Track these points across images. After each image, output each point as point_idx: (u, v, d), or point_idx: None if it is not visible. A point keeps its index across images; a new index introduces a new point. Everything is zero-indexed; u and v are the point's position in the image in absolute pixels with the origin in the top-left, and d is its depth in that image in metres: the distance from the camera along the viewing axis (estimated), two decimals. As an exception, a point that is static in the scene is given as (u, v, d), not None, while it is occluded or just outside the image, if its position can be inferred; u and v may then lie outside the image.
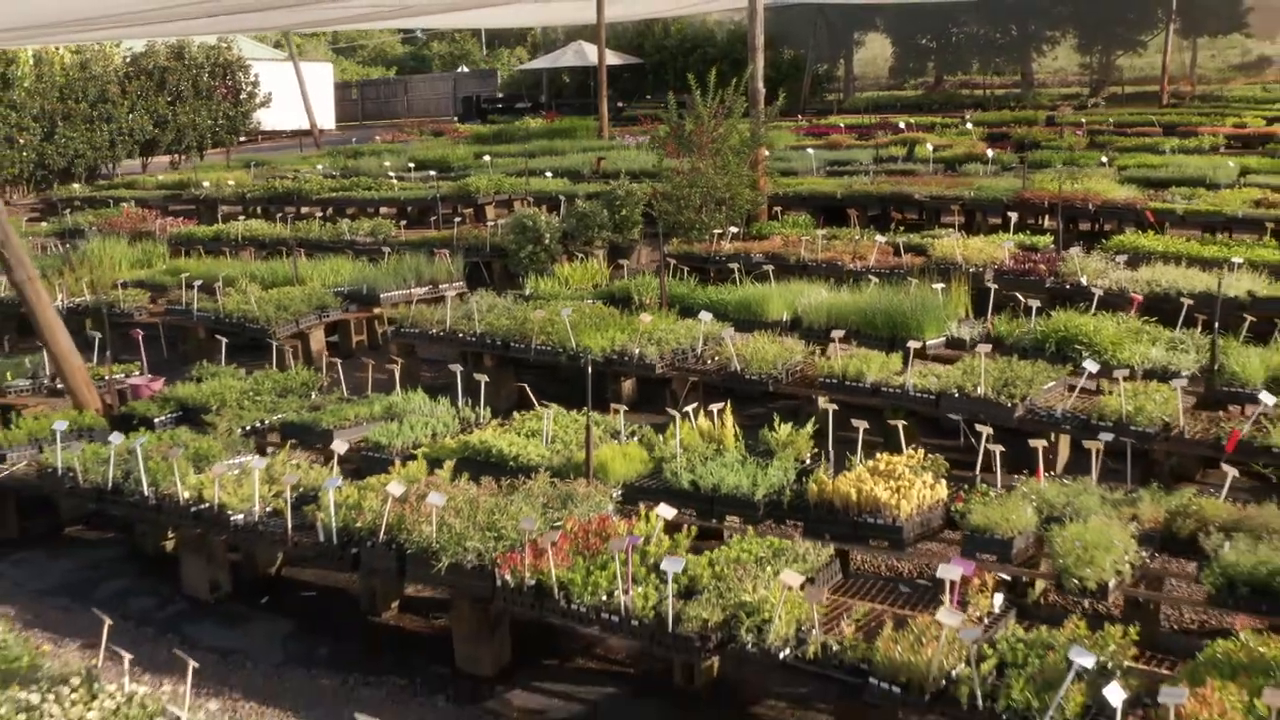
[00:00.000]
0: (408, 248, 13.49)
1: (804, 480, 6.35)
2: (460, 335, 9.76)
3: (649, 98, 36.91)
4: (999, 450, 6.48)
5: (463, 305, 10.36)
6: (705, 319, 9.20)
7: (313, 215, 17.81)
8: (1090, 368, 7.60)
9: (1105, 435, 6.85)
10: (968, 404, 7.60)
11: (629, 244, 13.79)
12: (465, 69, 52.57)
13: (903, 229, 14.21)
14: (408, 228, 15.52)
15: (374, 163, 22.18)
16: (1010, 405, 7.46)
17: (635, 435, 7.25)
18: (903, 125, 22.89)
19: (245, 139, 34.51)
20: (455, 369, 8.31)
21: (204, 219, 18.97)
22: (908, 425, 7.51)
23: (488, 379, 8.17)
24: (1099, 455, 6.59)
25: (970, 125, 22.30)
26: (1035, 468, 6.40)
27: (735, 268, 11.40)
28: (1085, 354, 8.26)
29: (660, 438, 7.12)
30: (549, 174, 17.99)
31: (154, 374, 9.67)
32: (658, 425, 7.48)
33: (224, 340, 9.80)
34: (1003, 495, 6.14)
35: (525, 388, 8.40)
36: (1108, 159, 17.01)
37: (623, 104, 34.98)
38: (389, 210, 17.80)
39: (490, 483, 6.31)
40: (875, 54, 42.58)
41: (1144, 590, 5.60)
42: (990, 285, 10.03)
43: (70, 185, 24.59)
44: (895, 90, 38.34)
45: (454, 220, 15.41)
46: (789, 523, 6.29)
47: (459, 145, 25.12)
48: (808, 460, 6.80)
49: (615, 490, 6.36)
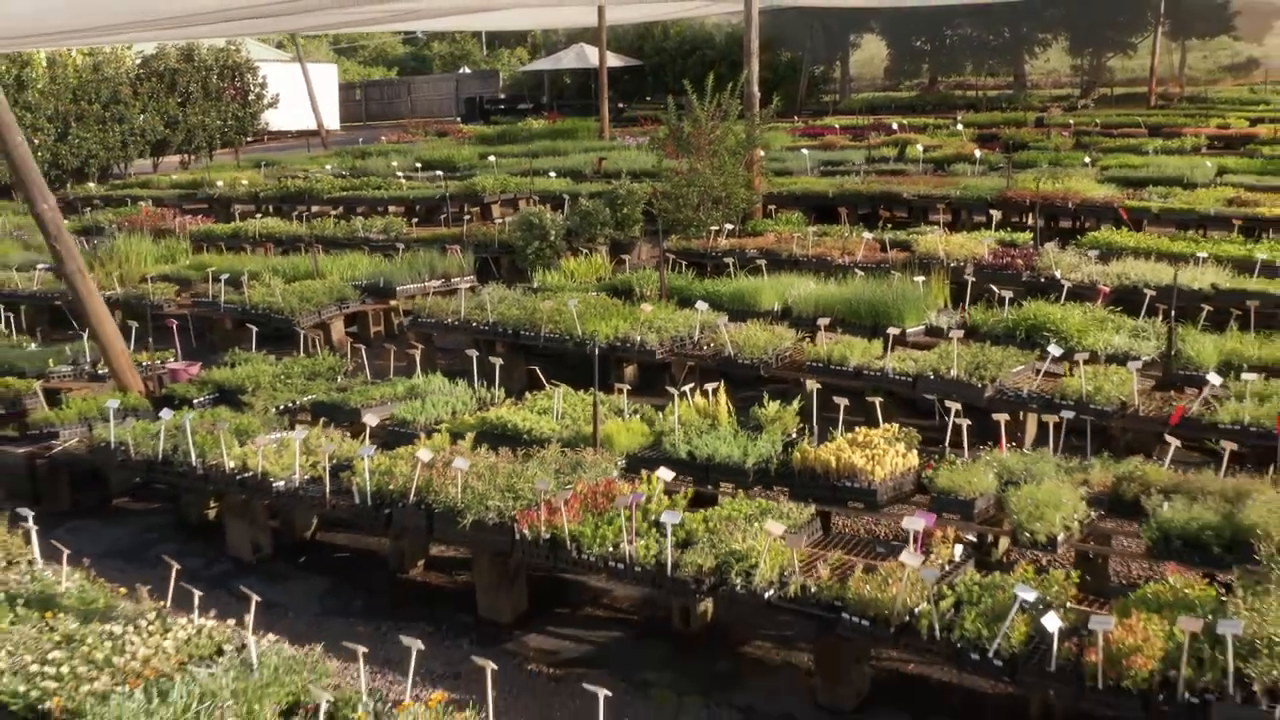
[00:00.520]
0: (419, 244, 14.19)
1: (790, 451, 7.04)
2: (474, 324, 10.45)
3: (649, 99, 37.57)
4: (966, 424, 7.17)
5: (475, 297, 11.04)
6: (702, 309, 9.90)
7: (325, 214, 18.47)
8: (1054, 352, 8.30)
9: (1067, 413, 7.58)
10: (942, 385, 8.29)
11: (630, 240, 14.46)
12: (467, 70, 53.24)
13: (890, 226, 14.90)
14: (417, 225, 16.21)
15: (382, 163, 22.83)
16: (981, 386, 8.15)
17: (637, 413, 7.94)
18: (895, 126, 23.55)
19: (252, 139, 35.21)
20: (472, 353, 9.00)
21: (218, 217, 19.66)
22: (887, 404, 8.18)
23: (501, 363, 8.86)
24: (1061, 430, 7.30)
25: (960, 127, 22.96)
26: (1000, 441, 7.09)
27: (730, 262, 12.09)
28: (1053, 340, 8.95)
29: (660, 415, 7.81)
30: (552, 174, 18.67)
31: (187, 361, 10.36)
32: (658, 405, 8.16)
33: (254, 329, 10.49)
34: (968, 463, 6.82)
35: (536, 370, 9.10)
36: (1091, 159, 17.68)
37: (623, 105, 35.65)
38: (397, 209, 18.50)
39: (507, 452, 7.01)
40: (871, 55, 43.25)
41: (1091, 544, 6.28)
42: (968, 279, 10.72)
43: (86, 185, 25.26)
44: (890, 91, 39.04)
45: (463, 218, 16.10)
46: (776, 488, 6.96)
47: (464, 146, 25.79)
48: (794, 434, 7.48)
49: (620, 459, 7.05)
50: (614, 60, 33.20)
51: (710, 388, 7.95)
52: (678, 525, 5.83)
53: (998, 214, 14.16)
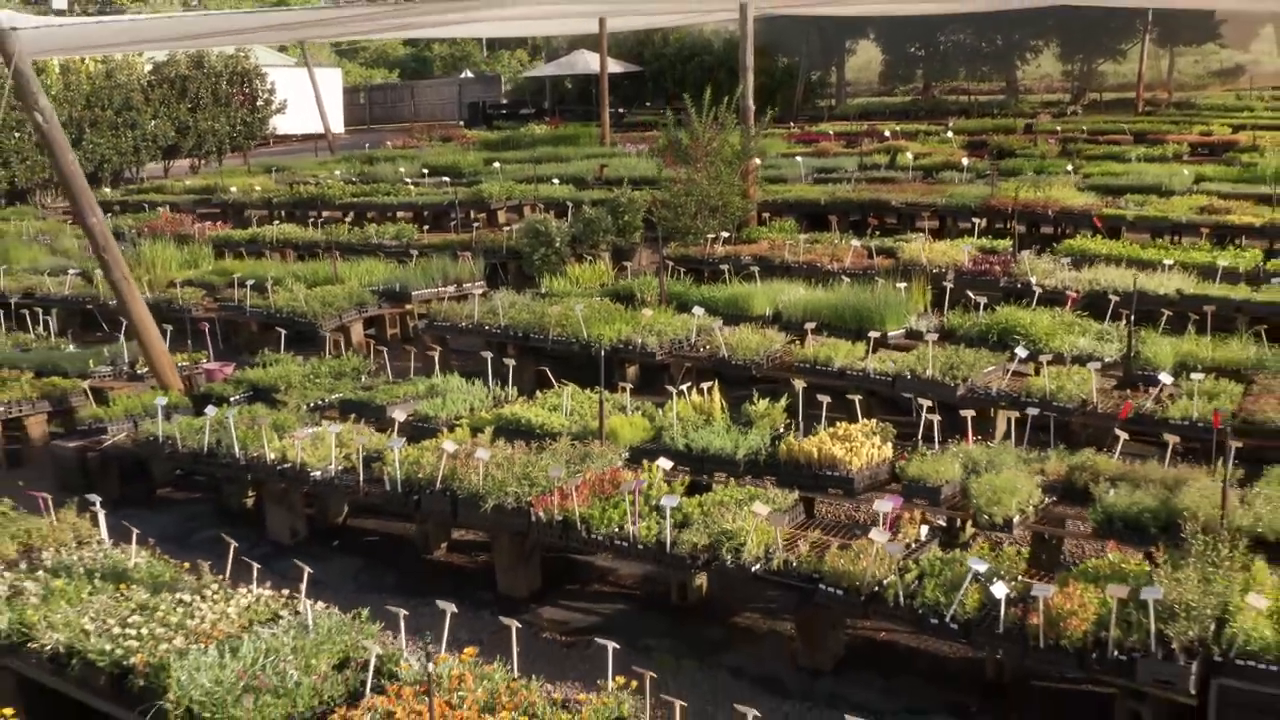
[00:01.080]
0: (431, 250, 14.94)
1: (777, 444, 7.78)
2: (487, 328, 11.22)
3: (648, 104, 38.39)
4: (937, 419, 7.92)
5: (487, 302, 11.80)
6: (699, 313, 10.66)
7: (337, 219, 19.22)
8: (1020, 353, 9.05)
9: (1032, 410, 8.34)
10: (919, 384, 9.04)
11: (631, 247, 15.20)
12: (470, 74, 54.01)
13: (879, 233, 15.63)
14: (426, 231, 16.94)
15: (389, 169, 23.50)
16: (954, 385, 8.91)
17: (639, 410, 8.69)
18: (888, 134, 24.28)
19: (260, 143, 35.94)
20: (486, 355, 9.76)
21: (233, 222, 20.41)
22: (868, 402, 8.91)
23: (514, 363, 9.62)
24: (1027, 426, 8.06)
25: (951, 134, 23.69)
26: (966, 435, 7.85)
27: (726, 269, 12.85)
28: (1022, 343, 9.69)
29: (660, 411, 8.57)
30: (555, 180, 19.39)
31: (221, 362, 11.12)
32: (658, 402, 8.92)
33: (283, 332, 11.25)
34: (938, 455, 7.57)
35: (546, 370, 9.85)
36: (1074, 167, 18.40)
37: (623, 110, 36.43)
38: (406, 214, 19.26)
39: (522, 445, 7.77)
40: (869, 59, 44.00)
41: (1044, 526, 7.03)
42: (947, 285, 11.46)
43: (101, 189, 25.97)
44: (885, 96, 39.82)
45: (471, 225, 16.85)
46: (765, 477, 7.71)
47: (469, 152, 26.53)
48: (781, 429, 8.23)
49: (624, 451, 7.81)
50: (614, 66, 33.95)
51: (706, 387, 8.71)
52: (676, 508, 6.58)
53: (982, 221, 14.90)
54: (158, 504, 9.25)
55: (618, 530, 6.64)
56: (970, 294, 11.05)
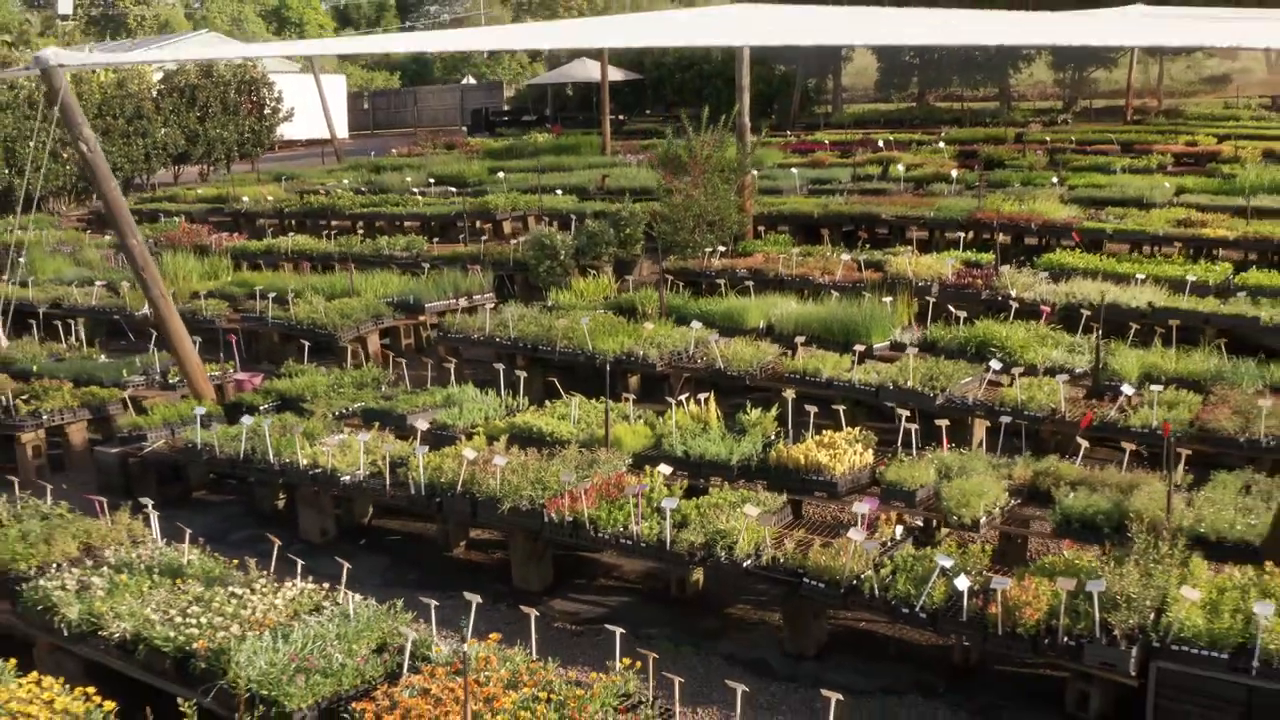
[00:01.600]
0: (440, 262, 15.65)
1: (768, 450, 8.49)
2: (498, 339, 11.92)
3: (648, 111, 39.09)
4: (916, 428, 8.62)
5: (498, 315, 12.50)
6: (696, 327, 11.37)
7: (348, 230, 19.87)
8: (995, 366, 9.76)
9: (1004, 418, 9.05)
10: (900, 394, 9.74)
11: (632, 259, 15.88)
12: (472, 80, 54.73)
13: (870, 245, 16.32)
14: (433, 242, 17.57)
15: (395, 178, 24.12)
16: (932, 395, 9.61)
17: (641, 418, 9.40)
18: (881, 144, 24.96)
19: (266, 149, 36.64)
20: (499, 367, 10.46)
21: (245, 232, 21.09)
22: (854, 411, 9.66)
23: (525, 375, 10.33)
24: (1001, 434, 8.76)
25: (943, 145, 24.34)
26: (943, 442, 8.55)
27: (722, 283, 13.56)
28: (998, 355, 10.39)
29: (660, 420, 9.28)
30: (558, 191, 20.08)
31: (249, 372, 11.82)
32: (659, 411, 9.62)
33: (307, 344, 11.95)
34: (914, 460, 8.27)
35: (555, 381, 10.56)
36: (1060, 179, 19.05)
37: (624, 117, 37.12)
38: (414, 224, 19.94)
39: (534, 451, 8.48)
40: (865, 65, 44.69)
41: (1008, 526, 7.74)
42: (930, 299, 12.16)
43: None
44: (881, 103, 40.48)
45: (478, 235, 17.51)
46: (756, 481, 8.40)
47: (473, 161, 27.22)
48: (773, 436, 8.93)
49: (627, 457, 8.52)
50: (615, 74, 34.65)
51: (702, 396, 9.42)
52: (675, 510, 7.29)
53: (968, 234, 15.56)
54: (195, 505, 9.96)
55: (622, 530, 7.34)
56: (951, 308, 11.71)
